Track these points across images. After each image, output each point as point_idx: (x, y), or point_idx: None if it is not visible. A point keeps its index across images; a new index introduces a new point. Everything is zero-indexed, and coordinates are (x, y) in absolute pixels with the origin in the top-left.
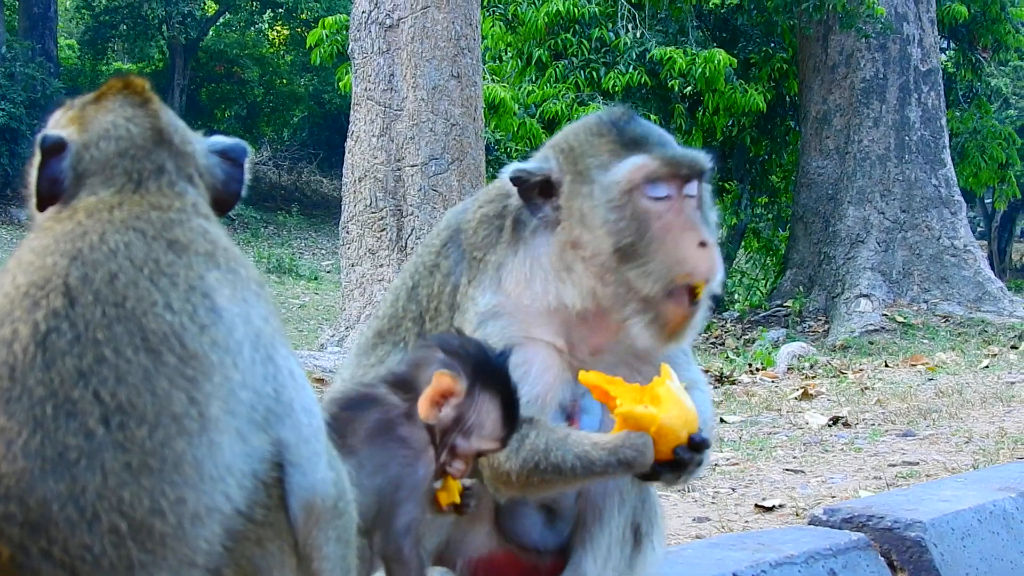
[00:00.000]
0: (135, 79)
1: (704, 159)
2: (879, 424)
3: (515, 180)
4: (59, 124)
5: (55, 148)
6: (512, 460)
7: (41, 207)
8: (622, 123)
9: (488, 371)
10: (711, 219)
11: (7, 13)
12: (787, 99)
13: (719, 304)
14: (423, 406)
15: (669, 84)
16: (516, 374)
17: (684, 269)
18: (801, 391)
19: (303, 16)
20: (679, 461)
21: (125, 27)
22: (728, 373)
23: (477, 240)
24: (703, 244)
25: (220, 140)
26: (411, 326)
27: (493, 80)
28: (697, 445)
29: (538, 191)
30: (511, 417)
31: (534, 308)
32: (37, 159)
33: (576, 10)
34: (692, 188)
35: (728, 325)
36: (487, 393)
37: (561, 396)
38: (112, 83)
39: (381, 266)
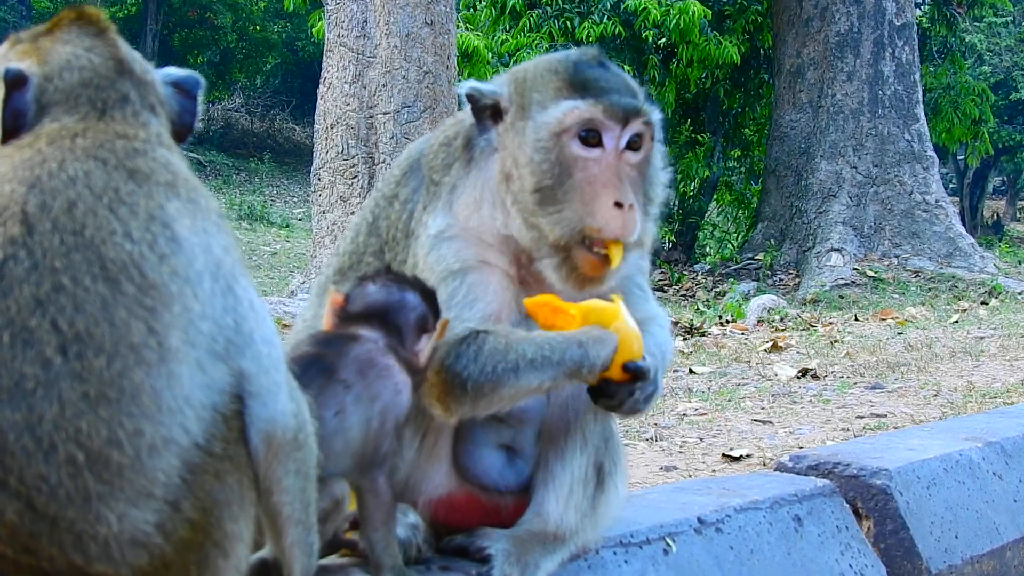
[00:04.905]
0: (89, 9)
1: (650, 110)
2: (848, 377)
3: (469, 97)
4: (9, 58)
5: (17, 81)
6: (471, 366)
7: (5, 140)
8: (580, 64)
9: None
10: (657, 180)
11: None
12: (761, 52)
13: (690, 256)
14: (427, 354)
15: (643, 35)
16: (471, 293)
17: (594, 223)
18: (771, 343)
19: None
20: (632, 375)
21: None
22: (698, 325)
23: (436, 163)
24: (619, 204)
25: (173, 71)
26: (372, 260)
27: (467, 28)
28: (637, 371)
29: (489, 113)
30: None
31: (484, 233)
32: (0, 93)
33: None
34: (634, 147)
35: (699, 277)
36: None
37: (513, 319)
38: (64, 14)
39: (352, 213)
